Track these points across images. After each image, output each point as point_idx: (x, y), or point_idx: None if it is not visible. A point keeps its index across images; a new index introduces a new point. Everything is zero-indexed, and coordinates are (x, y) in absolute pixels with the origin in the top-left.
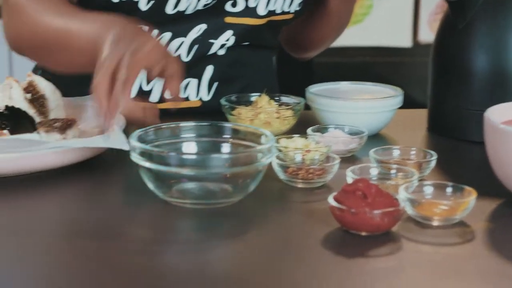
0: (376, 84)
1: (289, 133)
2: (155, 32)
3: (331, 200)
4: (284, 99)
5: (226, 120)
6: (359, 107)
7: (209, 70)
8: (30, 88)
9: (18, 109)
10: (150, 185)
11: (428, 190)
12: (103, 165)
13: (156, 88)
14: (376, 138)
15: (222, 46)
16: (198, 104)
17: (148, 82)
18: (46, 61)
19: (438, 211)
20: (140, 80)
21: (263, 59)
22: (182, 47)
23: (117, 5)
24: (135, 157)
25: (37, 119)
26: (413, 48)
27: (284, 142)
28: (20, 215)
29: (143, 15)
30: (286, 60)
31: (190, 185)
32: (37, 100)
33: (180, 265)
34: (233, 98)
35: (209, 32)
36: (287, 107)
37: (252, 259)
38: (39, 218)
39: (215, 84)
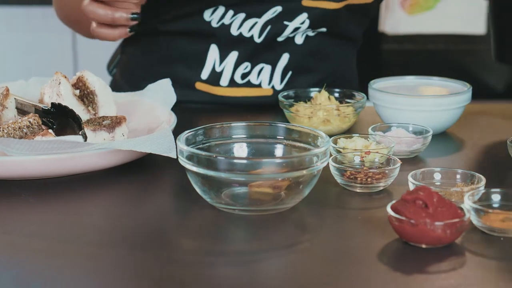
0: (443, 79)
1: (349, 131)
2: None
3: (389, 210)
4: (345, 94)
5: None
6: (424, 104)
7: (284, 58)
8: (79, 84)
9: (65, 107)
10: (198, 190)
11: (496, 198)
12: (151, 166)
13: (227, 69)
14: (442, 138)
15: (296, 29)
16: (270, 92)
17: None
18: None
19: (507, 221)
20: (214, 60)
21: (343, 52)
22: (254, 28)
23: None
24: (183, 161)
25: (86, 116)
26: (487, 35)
27: (342, 142)
28: (62, 220)
29: None
30: None
31: (240, 190)
32: (87, 96)
33: (230, 277)
34: (291, 93)
35: (284, 14)
36: (347, 104)
37: (304, 270)
38: (81, 224)
39: (289, 74)
